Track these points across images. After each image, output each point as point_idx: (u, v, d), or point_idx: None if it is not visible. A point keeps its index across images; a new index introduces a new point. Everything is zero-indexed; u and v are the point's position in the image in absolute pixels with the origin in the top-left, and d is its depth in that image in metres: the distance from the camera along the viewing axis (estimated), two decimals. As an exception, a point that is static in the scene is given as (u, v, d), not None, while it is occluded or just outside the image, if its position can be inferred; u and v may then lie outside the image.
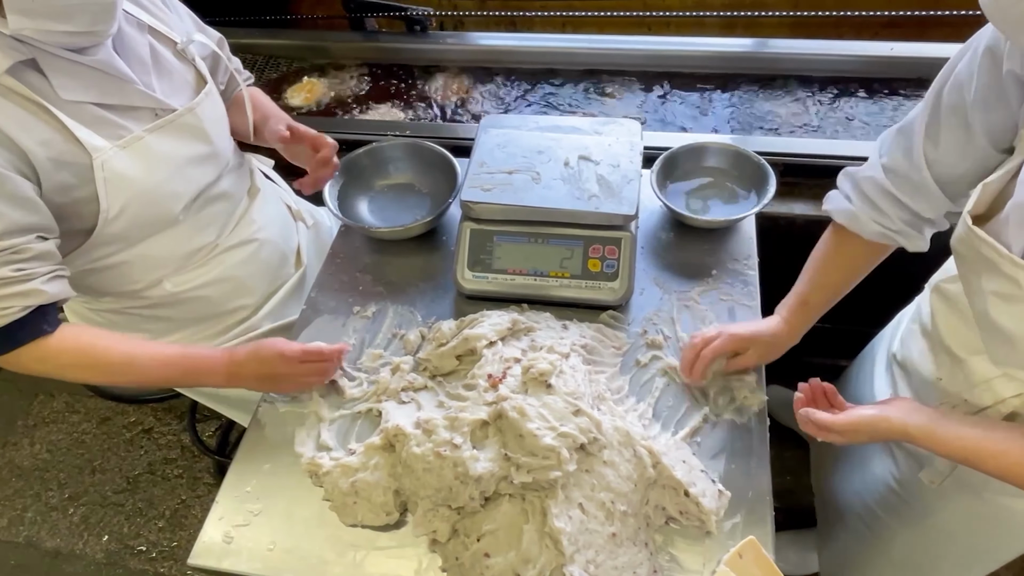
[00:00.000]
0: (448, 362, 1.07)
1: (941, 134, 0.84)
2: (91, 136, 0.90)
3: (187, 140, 1.04)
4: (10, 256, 0.85)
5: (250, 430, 1.08)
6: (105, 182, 0.92)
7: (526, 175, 1.15)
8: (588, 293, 1.14)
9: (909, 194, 0.90)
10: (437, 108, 1.73)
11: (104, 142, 0.92)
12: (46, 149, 0.86)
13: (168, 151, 1.00)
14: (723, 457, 0.98)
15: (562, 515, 0.84)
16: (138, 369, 0.99)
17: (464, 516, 0.90)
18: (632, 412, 1.01)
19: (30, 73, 0.86)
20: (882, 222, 0.93)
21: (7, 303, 0.87)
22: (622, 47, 1.74)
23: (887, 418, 0.87)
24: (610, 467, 0.90)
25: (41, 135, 0.86)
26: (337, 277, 1.28)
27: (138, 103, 0.97)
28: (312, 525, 0.96)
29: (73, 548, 2.02)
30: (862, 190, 0.94)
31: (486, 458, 0.89)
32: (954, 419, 0.86)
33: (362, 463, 0.96)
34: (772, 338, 1.04)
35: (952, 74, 0.82)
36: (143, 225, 1.02)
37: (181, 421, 2.25)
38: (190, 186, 1.06)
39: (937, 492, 1.04)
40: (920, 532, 1.15)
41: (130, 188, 0.95)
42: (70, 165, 0.89)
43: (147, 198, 0.99)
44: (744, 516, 0.92)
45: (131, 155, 0.95)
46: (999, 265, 0.76)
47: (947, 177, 0.87)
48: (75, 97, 0.89)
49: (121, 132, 0.94)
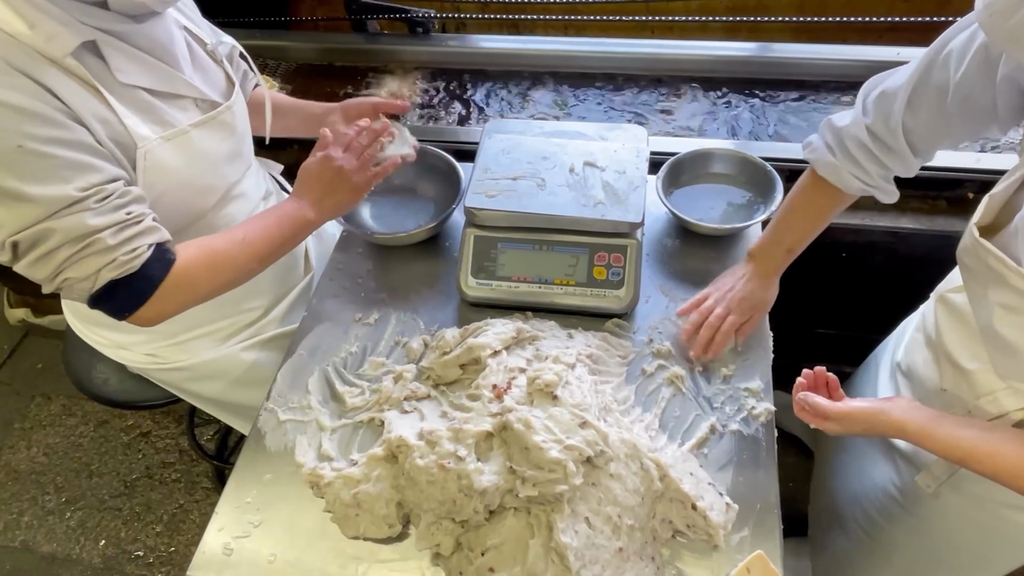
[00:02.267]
0: (451, 371, 1.06)
1: (922, 106, 0.86)
2: (139, 125, 0.92)
3: (224, 137, 1.06)
4: (117, 200, 0.86)
5: (250, 439, 1.07)
6: (144, 171, 0.93)
7: (531, 181, 1.14)
8: (593, 301, 1.13)
9: (886, 154, 0.92)
10: (440, 111, 1.72)
11: (150, 132, 0.93)
12: (104, 127, 0.88)
13: (207, 147, 1.03)
14: (730, 468, 0.97)
15: (568, 530, 0.83)
16: (251, 248, 0.99)
17: (468, 530, 0.89)
18: (639, 423, 0.99)
19: (89, 56, 0.87)
20: (862, 177, 0.96)
21: (135, 243, 0.87)
22: (625, 51, 1.73)
23: (886, 411, 0.87)
24: (617, 480, 0.89)
25: (99, 114, 0.87)
26: (339, 283, 1.26)
27: (184, 92, 0.99)
28: (314, 537, 0.95)
29: (70, 553, 2.00)
30: (845, 146, 0.96)
31: (491, 471, 0.87)
32: (951, 420, 0.86)
33: (364, 474, 0.95)
34: (766, 294, 1.09)
35: (944, 50, 0.83)
36: (172, 218, 1.02)
37: (179, 425, 2.23)
38: (221, 182, 1.09)
39: (937, 501, 1.03)
40: (920, 541, 1.14)
41: (167, 180, 0.97)
42: (121, 146, 0.91)
43: (181, 191, 1.01)
44: (752, 529, 0.91)
45: (174, 148, 0.97)
46: (1006, 277, 0.76)
47: (921, 145, 0.90)
48: (130, 80, 0.91)
49: (167, 123, 0.96)
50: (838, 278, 1.49)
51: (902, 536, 1.16)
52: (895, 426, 0.86)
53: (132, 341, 1.21)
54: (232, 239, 0.99)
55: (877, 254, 1.48)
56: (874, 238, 1.45)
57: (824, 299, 1.13)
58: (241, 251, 0.99)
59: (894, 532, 1.17)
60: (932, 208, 1.45)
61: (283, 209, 1.05)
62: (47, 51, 0.82)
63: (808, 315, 1.43)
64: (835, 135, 0.97)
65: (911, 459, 1.07)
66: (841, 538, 1.35)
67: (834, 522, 1.38)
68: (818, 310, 1.30)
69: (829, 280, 1.22)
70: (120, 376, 1.56)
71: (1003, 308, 0.78)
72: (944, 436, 0.83)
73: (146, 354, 1.23)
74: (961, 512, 1.02)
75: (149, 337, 1.20)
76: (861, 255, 1.46)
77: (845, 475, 1.32)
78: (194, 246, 0.96)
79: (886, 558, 1.24)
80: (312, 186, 1.05)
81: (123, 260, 0.86)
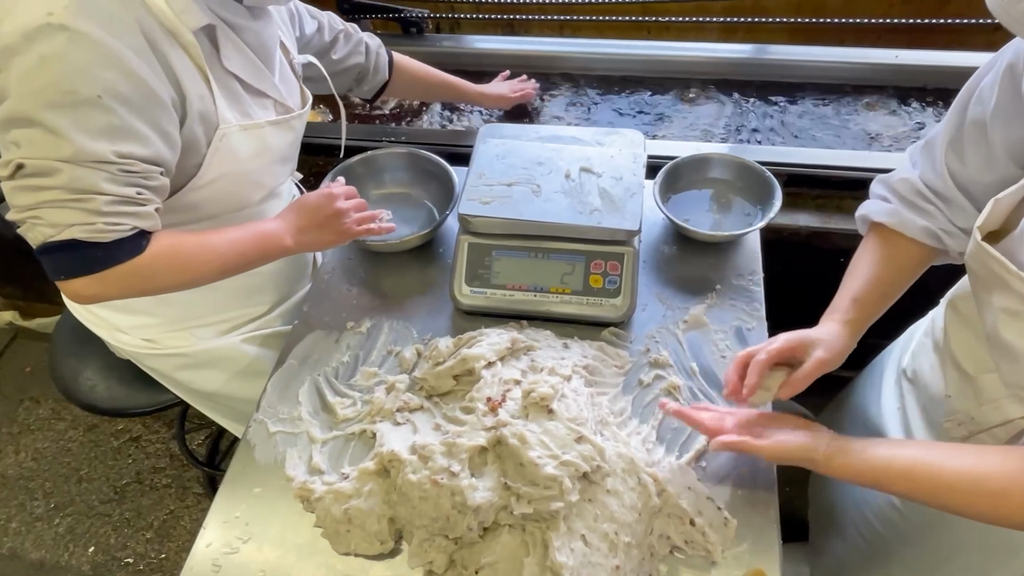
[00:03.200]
0: (445, 382, 1.03)
1: (965, 148, 0.83)
2: (226, 109, 0.97)
3: (288, 140, 1.12)
4: (139, 179, 0.87)
5: (240, 451, 1.04)
6: (216, 151, 0.98)
7: (526, 187, 1.12)
8: (589, 310, 1.11)
9: (943, 203, 0.88)
10: (434, 114, 1.69)
11: (233, 118, 0.99)
12: (200, 102, 0.93)
13: (274, 144, 1.08)
14: (729, 482, 0.95)
15: (564, 548, 0.81)
16: (216, 254, 0.99)
17: (462, 547, 0.87)
18: (636, 435, 0.98)
19: (204, 40, 0.93)
20: (925, 219, 0.89)
21: (120, 220, 0.86)
22: (620, 51, 1.71)
23: (813, 448, 0.82)
24: (614, 496, 0.87)
25: (200, 90, 0.93)
26: (330, 290, 1.24)
27: (270, 92, 1.05)
28: (304, 553, 0.93)
29: (58, 560, 1.97)
30: (898, 191, 0.92)
31: (485, 487, 0.85)
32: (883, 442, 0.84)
33: (355, 489, 0.93)
34: (832, 339, 0.90)
35: (977, 88, 0.81)
36: (220, 201, 1.07)
37: (170, 429, 2.21)
38: (272, 180, 1.15)
39: (936, 512, 1.02)
40: (918, 550, 1.12)
41: (232, 165, 1.01)
42: (207, 124, 0.95)
43: (239, 179, 1.06)
44: (750, 545, 0.89)
45: (248, 137, 1.01)
46: (1009, 282, 0.75)
47: (974, 190, 0.85)
48: (233, 68, 0.97)
49: (248, 115, 1.01)
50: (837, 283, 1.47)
51: (901, 544, 1.15)
52: (822, 465, 0.82)
53: (132, 324, 1.21)
54: (203, 244, 0.99)
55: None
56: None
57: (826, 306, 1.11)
58: (208, 258, 0.99)
59: (893, 540, 1.16)
60: (931, 213, 1.43)
61: (264, 228, 1.05)
62: (175, 25, 0.87)
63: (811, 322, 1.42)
64: (886, 186, 0.94)
65: None
66: (840, 544, 1.33)
67: (832, 527, 1.36)
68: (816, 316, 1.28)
69: (832, 286, 1.21)
70: (108, 382, 1.54)
71: (1007, 313, 0.77)
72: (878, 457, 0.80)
73: (144, 339, 1.22)
74: (959, 524, 1.01)
75: (151, 321, 1.19)
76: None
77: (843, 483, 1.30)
78: (164, 240, 0.94)
79: (884, 566, 1.22)
80: (302, 217, 1.08)
81: (102, 227, 0.85)
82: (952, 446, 0.80)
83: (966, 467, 0.74)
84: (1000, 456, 0.73)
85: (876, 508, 1.17)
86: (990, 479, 0.72)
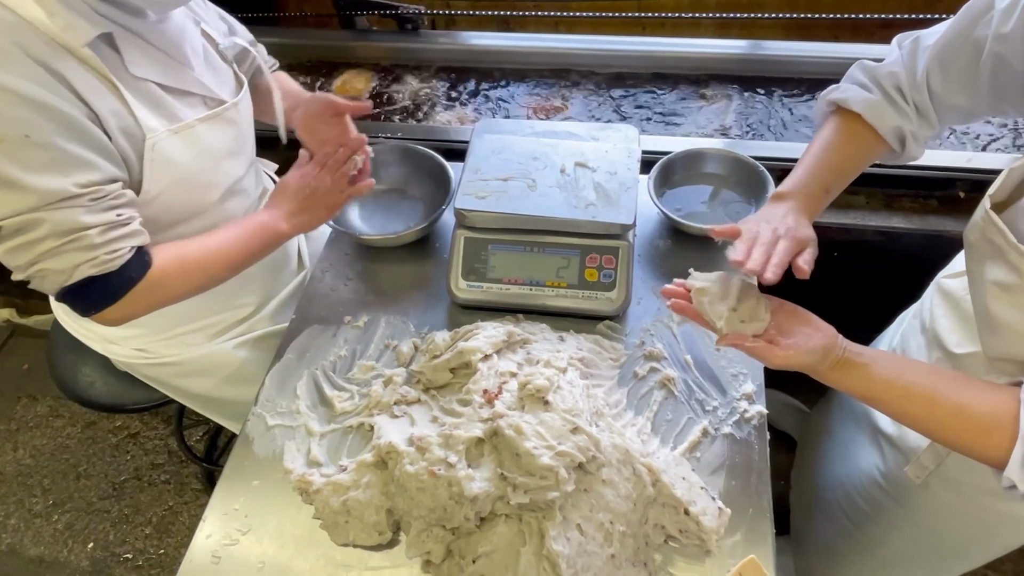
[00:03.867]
0: (442, 375, 1.04)
1: (953, 64, 0.84)
2: (148, 117, 0.93)
3: (229, 134, 1.08)
4: (110, 202, 0.87)
5: (238, 445, 1.05)
6: (152, 163, 0.94)
7: (521, 182, 1.13)
8: (585, 303, 1.12)
9: (914, 108, 0.89)
10: (429, 109, 1.70)
11: (159, 125, 0.94)
12: (116, 119, 0.89)
13: (213, 142, 1.04)
14: (723, 473, 0.96)
15: (560, 537, 0.82)
16: (223, 254, 1.01)
17: (459, 537, 0.88)
18: (630, 427, 0.99)
19: (104, 48, 0.88)
20: (901, 119, 0.89)
21: (118, 245, 0.88)
22: (616, 48, 1.72)
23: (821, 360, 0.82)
24: (609, 486, 0.88)
25: (111, 105, 0.89)
26: (328, 285, 1.25)
27: (193, 89, 1.01)
28: (303, 544, 0.94)
29: (57, 556, 1.98)
30: (883, 85, 0.90)
31: (482, 478, 0.86)
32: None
33: (354, 481, 0.94)
34: (810, 232, 0.90)
35: (992, 10, 0.79)
36: (175, 211, 1.03)
37: (168, 426, 2.21)
38: (224, 179, 1.10)
39: (920, 488, 1.04)
40: (905, 529, 1.14)
41: (173, 173, 0.98)
42: (131, 138, 0.92)
43: (186, 185, 1.01)
44: (744, 534, 0.91)
45: (181, 141, 0.98)
46: (1005, 253, 0.76)
47: (939, 107, 0.87)
48: (142, 73, 0.93)
49: (176, 117, 0.97)
50: (830, 278, 1.48)
51: (887, 524, 1.17)
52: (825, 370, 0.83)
53: (122, 335, 1.21)
54: (206, 247, 1.01)
55: (869, 253, 1.48)
56: (866, 237, 1.45)
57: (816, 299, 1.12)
58: (214, 258, 1.01)
59: (879, 520, 1.17)
60: (923, 207, 1.45)
61: (257, 219, 1.07)
62: (65, 40, 0.82)
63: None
64: (870, 75, 0.92)
65: (897, 444, 1.08)
66: (826, 526, 1.34)
67: (818, 510, 1.37)
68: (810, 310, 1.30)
69: (821, 280, 1.22)
70: (106, 379, 1.54)
71: (997, 286, 0.78)
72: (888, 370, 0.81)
73: (136, 348, 1.22)
74: (947, 501, 1.03)
75: (140, 331, 1.19)
76: (853, 255, 1.46)
77: (830, 462, 1.32)
78: (169, 250, 0.97)
79: (870, 547, 1.24)
80: (288, 200, 1.09)
81: (105, 259, 0.87)
82: (956, 378, 0.80)
83: (962, 401, 0.76)
84: (995, 396, 0.76)
85: (860, 486, 1.18)
86: (980, 417, 0.75)
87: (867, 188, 1.47)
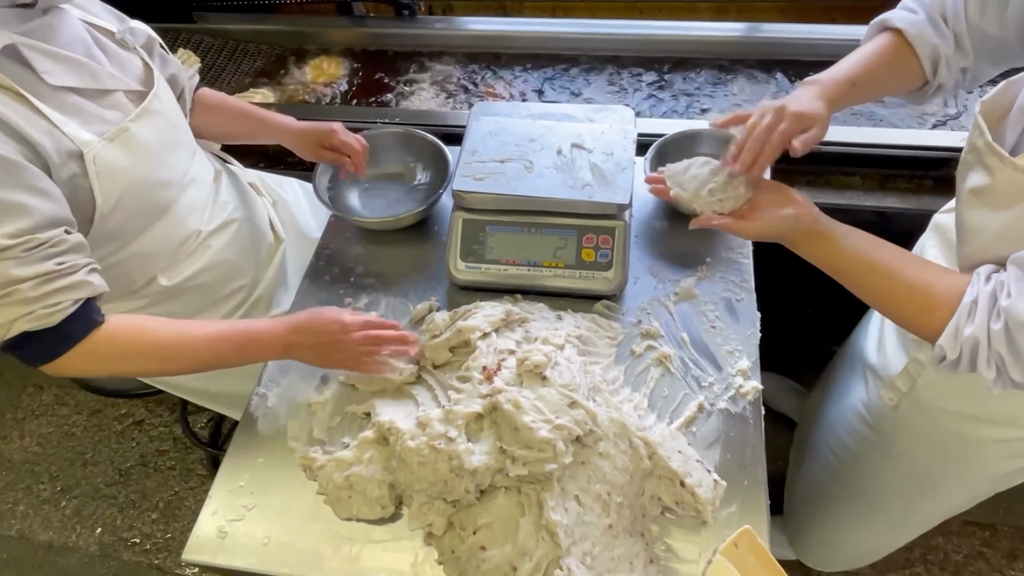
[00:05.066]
0: (441, 354, 1.06)
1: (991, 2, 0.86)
2: (78, 130, 0.88)
3: (161, 127, 1.03)
4: (48, 250, 0.82)
5: (243, 423, 1.07)
6: (98, 176, 0.90)
7: (519, 164, 1.14)
8: (582, 283, 1.13)
9: (952, 36, 0.91)
10: (425, 94, 1.70)
11: (92, 136, 0.90)
12: (51, 140, 0.84)
13: (150, 140, 1.00)
14: (718, 447, 0.98)
15: (558, 508, 0.84)
16: (191, 349, 0.95)
17: (460, 509, 0.90)
18: (627, 403, 1.00)
19: (12, 65, 0.84)
20: (940, 40, 0.91)
21: (57, 298, 0.83)
22: (612, 32, 1.72)
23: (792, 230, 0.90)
24: (606, 459, 0.90)
25: (42, 126, 0.84)
26: (328, 268, 1.26)
27: (111, 85, 0.95)
28: (307, 519, 0.96)
29: (66, 541, 2.01)
30: (927, 7, 0.93)
31: (481, 451, 0.88)
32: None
33: (356, 457, 0.96)
34: (826, 114, 0.93)
35: None
36: (138, 217, 1.01)
37: (172, 413, 2.23)
38: (172, 173, 1.06)
39: (893, 412, 1.08)
40: (877, 459, 1.18)
41: (122, 181, 0.94)
42: (69, 156, 0.87)
43: (138, 189, 0.98)
44: (739, 505, 0.93)
45: (119, 147, 0.94)
46: (983, 155, 0.79)
47: (975, 37, 0.89)
48: (60, 82, 0.88)
49: (105, 123, 0.93)
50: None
51: (865, 457, 1.20)
52: (797, 239, 0.90)
53: None
54: (173, 332, 0.95)
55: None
56: (861, 217, 1.46)
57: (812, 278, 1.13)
58: (175, 348, 0.95)
59: (859, 453, 1.21)
60: (918, 187, 1.46)
61: (253, 330, 0.98)
62: None
63: (796, 294, 1.44)
64: (918, 1, 0.95)
65: (879, 373, 1.12)
66: (815, 467, 1.39)
67: (808, 453, 1.42)
68: (806, 289, 1.31)
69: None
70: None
71: (973, 193, 0.82)
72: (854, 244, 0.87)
73: None
74: (916, 426, 1.07)
75: None
76: (849, 234, 1.47)
77: (825, 403, 1.36)
78: (126, 324, 0.92)
79: (849, 483, 1.28)
80: (302, 332, 0.98)
81: (41, 313, 0.82)
82: (920, 260, 0.86)
83: (920, 279, 0.81)
84: (952, 278, 0.81)
85: (845, 421, 1.23)
86: (932, 294, 0.79)
87: (862, 169, 1.48)
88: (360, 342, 0.97)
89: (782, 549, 1.62)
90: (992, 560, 1.71)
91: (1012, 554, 1.71)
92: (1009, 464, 1.05)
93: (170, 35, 1.84)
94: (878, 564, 1.71)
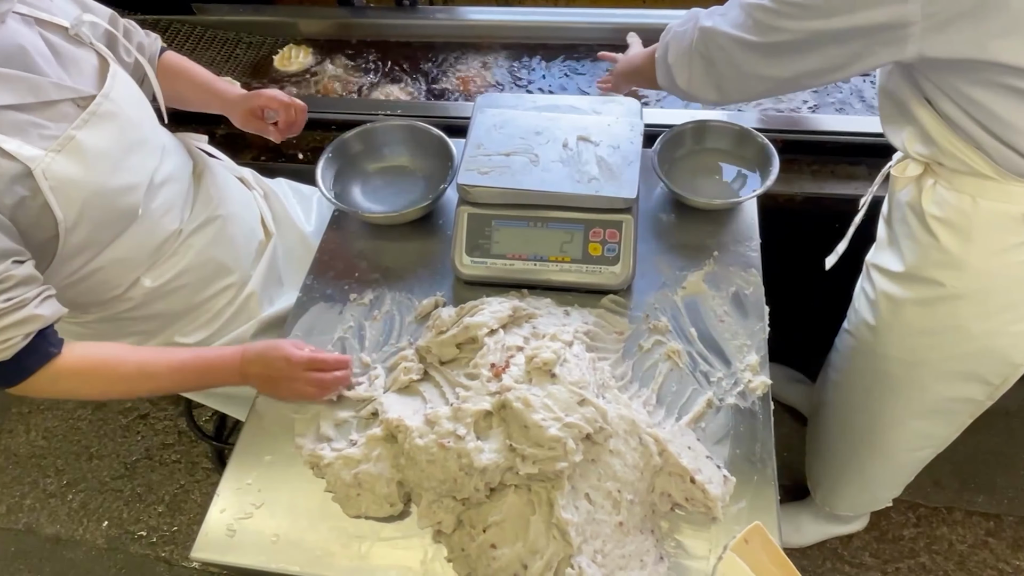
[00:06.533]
0: (448, 350, 1.05)
1: None
2: (20, 146, 0.85)
3: (116, 129, 0.98)
4: None
5: (249, 421, 1.07)
6: (52, 191, 0.87)
7: (524, 157, 1.13)
8: (589, 278, 1.13)
9: None
10: (430, 86, 1.69)
11: (37, 150, 0.86)
12: None
13: (103, 145, 0.95)
14: (727, 442, 0.98)
15: (569, 506, 0.84)
16: (153, 377, 0.99)
17: (469, 507, 0.89)
18: (636, 399, 1.00)
19: None
20: None
21: (7, 335, 0.84)
22: (615, 20, 1.70)
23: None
24: (616, 456, 0.89)
25: None
26: (333, 263, 1.26)
27: (55, 96, 0.91)
28: (316, 517, 0.96)
29: (73, 534, 2.02)
30: None
31: (491, 449, 0.88)
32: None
33: (364, 454, 0.95)
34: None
35: None
36: (107, 226, 0.99)
37: (177, 406, 2.23)
38: (138, 176, 1.01)
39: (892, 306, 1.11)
40: (862, 351, 1.22)
41: (80, 191, 0.91)
42: (16, 177, 0.84)
43: (101, 198, 0.95)
44: (749, 501, 0.92)
45: (68, 157, 0.90)
46: None
47: None
48: None
49: (49, 135, 0.89)
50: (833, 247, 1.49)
51: (863, 359, 1.23)
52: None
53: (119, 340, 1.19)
54: (135, 360, 0.97)
55: (873, 224, 1.48)
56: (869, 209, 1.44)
57: (821, 271, 1.13)
58: (137, 376, 0.98)
59: (855, 351, 1.24)
60: (927, 177, 1.44)
61: (217, 359, 1.01)
62: None
63: (805, 288, 1.43)
64: None
65: (881, 267, 1.14)
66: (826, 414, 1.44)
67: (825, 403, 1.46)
68: (815, 283, 1.30)
69: (827, 251, 1.22)
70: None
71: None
72: None
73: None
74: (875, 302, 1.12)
75: (137, 340, 1.17)
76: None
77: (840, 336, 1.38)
78: (88, 352, 0.94)
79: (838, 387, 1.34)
80: (258, 362, 1.01)
81: None
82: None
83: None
84: None
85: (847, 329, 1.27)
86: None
87: (869, 159, 1.47)
88: (305, 382, 1.00)
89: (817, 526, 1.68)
90: (996, 550, 1.71)
91: (1016, 544, 1.71)
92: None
93: (170, 27, 1.82)
94: (883, 554, 1.71)
